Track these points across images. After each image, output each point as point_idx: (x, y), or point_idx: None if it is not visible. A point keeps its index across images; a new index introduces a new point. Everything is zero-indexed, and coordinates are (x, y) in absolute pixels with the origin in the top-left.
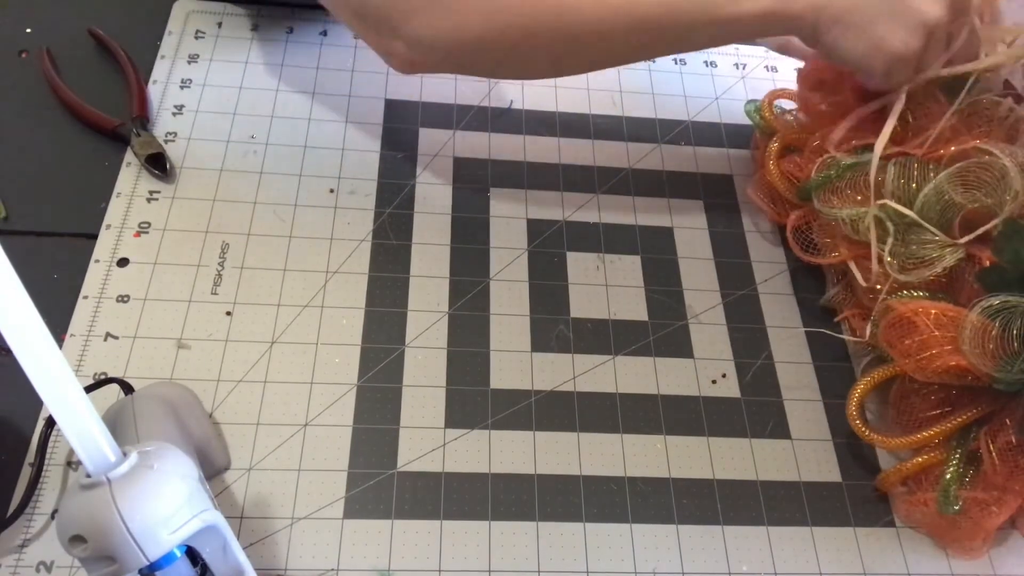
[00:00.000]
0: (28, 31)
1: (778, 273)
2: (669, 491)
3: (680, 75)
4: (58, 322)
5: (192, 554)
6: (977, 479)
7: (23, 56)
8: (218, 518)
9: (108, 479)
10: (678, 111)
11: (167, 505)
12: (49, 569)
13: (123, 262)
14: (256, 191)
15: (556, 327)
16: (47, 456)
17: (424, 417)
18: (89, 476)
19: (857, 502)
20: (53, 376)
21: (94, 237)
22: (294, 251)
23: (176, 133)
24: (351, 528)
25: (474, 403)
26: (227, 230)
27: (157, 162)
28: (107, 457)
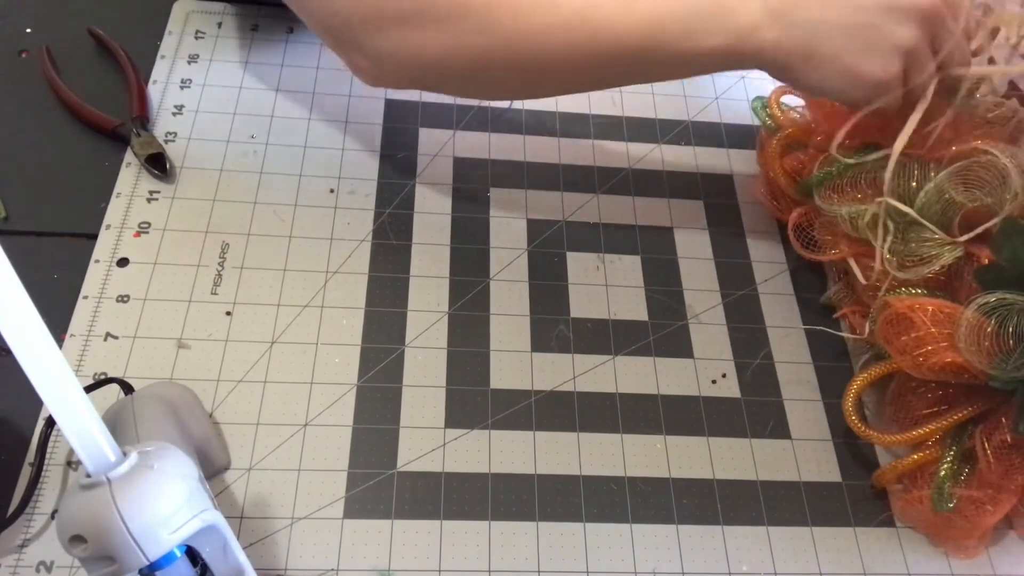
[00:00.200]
0: (28, 31)
1: (778, 273)
2: (669, 491)
3: None
4: (58, 322)
5: (192, 554)
6: (972, 478)
7: (23, 56)
8: (218, 518)
9: (108, 479)
10: (678, 111)
11: (167, 505)
12: (49, 569)
13: (123, 262)
14: (256, 191)
15: (556, 327)
16: (47, 456)
17: (424, 417)
18: (89, 476)
19: (857, 502)
20: (53, 376)
21: (94, 237)
22: (294, 251)
23: (176, 133)
24: (351, 528)
25: (474, 403)
26: (227, 230)
27: (157, 162)
28: (107, 457)
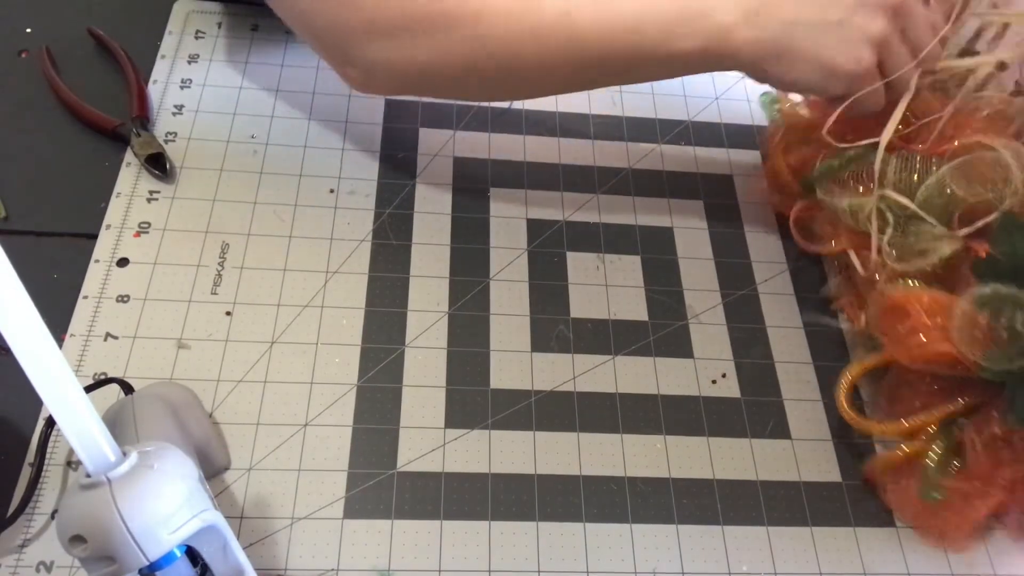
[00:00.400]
0: (28, 31)
1: (778, 273)
2: (669, 491)
3: None
4: (58, 322)
5: (192, 554)
6: (962, 471)
7: (23, 56)
8: (218, 518)
9: (108, 479)
10: (678, 111)
11: (167, 505)
12: (49, 569)
13: (123, 262)
14: (256, 191)
15: (556, 327)
16: (47, 456)
17: (424, 417)
18: (89, 476)
19: (857, 502)
20: (53, 376)
21: (94, 237)
22: (294, 251)
23: (176, 133)
24: (351, 528)
25: (474, 403)
26: (227, 230)
27: (157, 162)
28: (107, 457)
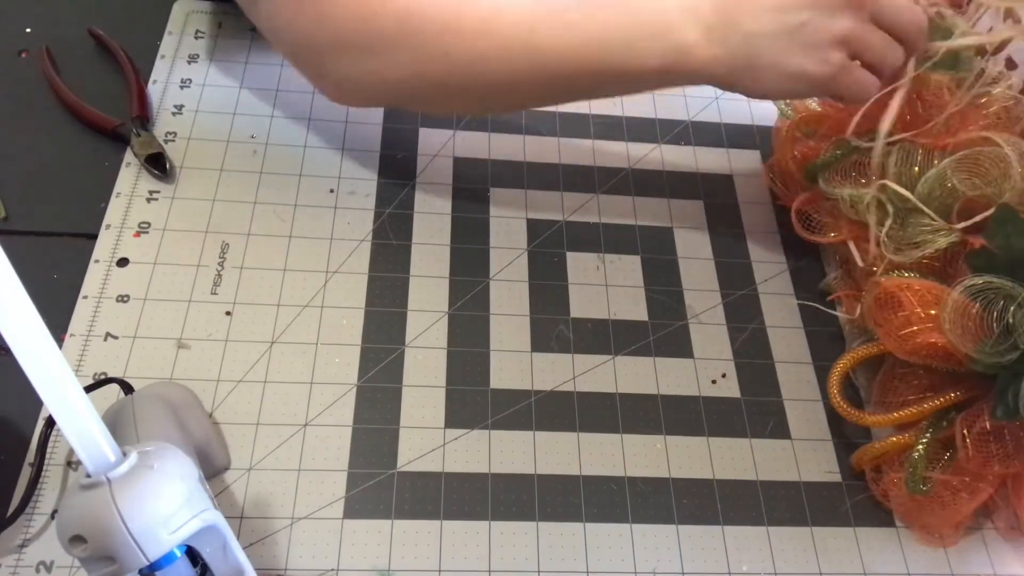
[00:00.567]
0: (28, 31)
1: (778, 273)
2: (669, 491)
3: None
4: (58, 322)
5: (192, 554)
6: (951, 464)
7: (23, 56)
8: (218, 518)
9: (108, 479)
10: (678, 111)
11: (167, 505)
12: (49, 569)
13: (123, 262)
14: (256, 191)
15: (556, 327)
16: (47, 456)
17: (424, 417)
18: (89, 476)
19: (857, 502)
20: (53, 376)
21: (94, 237)
22: (294, 251)
23: (176, 133)
24: (351, 528)
25: (474, 403)
26: (227, 230)
27: (157, 162)
28: (107, 457)
